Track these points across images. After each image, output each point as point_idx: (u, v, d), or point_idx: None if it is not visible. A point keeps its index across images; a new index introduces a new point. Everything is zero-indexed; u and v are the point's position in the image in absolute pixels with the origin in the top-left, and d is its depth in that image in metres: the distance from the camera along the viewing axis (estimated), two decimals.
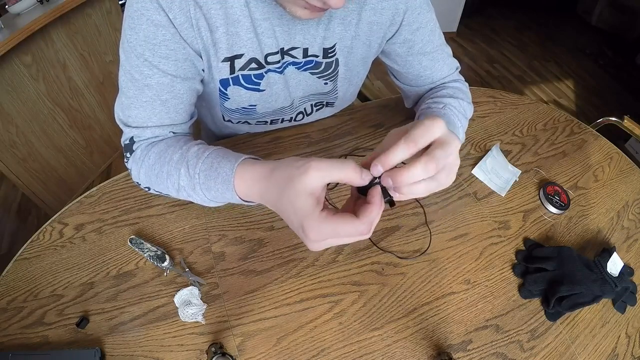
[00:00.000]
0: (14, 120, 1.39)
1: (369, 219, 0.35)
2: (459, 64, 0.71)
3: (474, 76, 2.50)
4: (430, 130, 0.36)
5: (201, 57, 0.54)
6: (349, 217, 0.35)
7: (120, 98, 0.54)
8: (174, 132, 0.56)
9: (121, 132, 0.56)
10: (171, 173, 0.50)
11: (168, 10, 0.47)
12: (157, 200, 0.66)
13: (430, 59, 0.65)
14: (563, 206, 0.69)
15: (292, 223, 0.37)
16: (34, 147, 1.50)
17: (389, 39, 0.63)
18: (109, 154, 1.89)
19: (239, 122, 0.71)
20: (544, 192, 0.70)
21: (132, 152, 0.55)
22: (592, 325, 0.57)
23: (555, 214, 0.69)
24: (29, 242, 0.62)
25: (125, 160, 0.57)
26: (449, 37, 2.81)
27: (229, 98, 0.61)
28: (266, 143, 0.75)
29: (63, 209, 0.66)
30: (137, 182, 0.57)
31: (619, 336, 0.57)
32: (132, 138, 0.55)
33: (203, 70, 0.56)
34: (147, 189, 0.57)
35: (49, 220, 0.64)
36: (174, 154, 0.51)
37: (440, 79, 0.68)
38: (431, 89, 0.69)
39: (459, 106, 0.63)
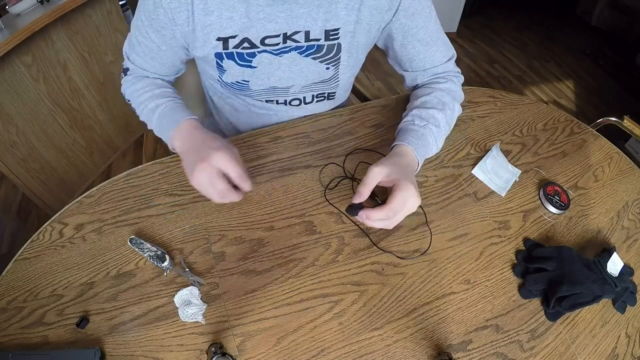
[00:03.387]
0: (14, 121, 1.39)
1: (233, 195, 0.56)
2: (454, 52, 0.74)
3: (474, 76, 2.50)
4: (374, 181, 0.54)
5: (188, 37, 0.62)
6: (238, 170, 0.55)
7: (130, 38, 0.67)
8: (159, 79, 0.71)
9: (123, 58, 0.71)
10: (147, 98, 0.67)
11: None
12: (157, 200, 0.66)
13: (424, 45, 0.69)
14: (563, 206, 0.69)
15: (201, 152, 0.55)
16: (34, 148, 1.50)
17: (387, 24, 0.66)
18: (109, 154, 1.89)
19: (238, 95, 0.76)
20: (544, 192, 0.70)
21: (126, 74, 0.71)
22: (592, 325, 0.57)
23: (555, 214, 0.69)
24: (29, 242, 0.62)
25: (121, 77, 0.73)
26: (449, 38, 2.81)
27: (225, 70, 0.67)
28: (266, 143, 0.76)
29: (63, 209, 0.66)
30: (123, 94, 0.73)
31: (619, 336, 0.57)
32: (128, 69, 0.70)
33: (187, 50, 0.66)
34: (128, 101, 0.72)
35: (49, 220, 0.64)
36: (156, 89, 0.68)
37: (432, 66, 0.72)
38: (424, 83, 0.74)
39: (442, 119, 0.68)
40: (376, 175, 0.54)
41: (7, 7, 1.33)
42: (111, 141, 1.86)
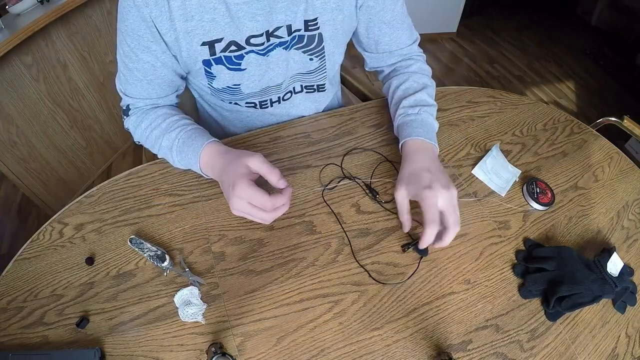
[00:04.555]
0: (15, 121, 1.40)
1: (277, 201, 0.52)
2: (419, 35, 0.78)
3: (474, 76, 2.50)
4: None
5: (173, 48, 0.60)
6: (265, 192, 0.51)
7: (119, 73, 0.65)
8: (158, 105, 0.69)
9: (120, 98, 0.69)
10: (157, 136, 0.65)
11: (145, 5, 0.54)
12: (157, 200, 0.66)
13: (390, 27, 0.71)
14: (547, 203, 0.68)
15: (228, 181, 0.53)
16: (35, 148, 1.50)
17: (357, 7, 0.67)
18: (109, 154, 1.89)
19: (230, 102, 0.75)
20: (527, 188, 0.70)
21: (128, 115, 0.69)
22: (592, 325, 0.57)
23: (539, 210, 0.68)
24: (29, 242, 0.62)
25: (123, 119, 0.72)
26: (449, 38, 2.81)
27: (215, 77, 0.66)
28: (266, 143, 0.76)
29: (63, 209, 0.66)
30: (132, 136, 0.71)
31: (619, 336, 0.57)
32: (128, 106, 0.68)
33: (176, 58, 0.63)
34: (138, 142, 0.71)
35: (49, 220, 0.64)
36: (162, 122, 0.65)
37: (398, 48, 0.75)
38: (392, 67, 0.78)
39: (428, 97, 0.72)
40: (401, 200, 0.59)
41: (7, 7, 1.33)
42: (111, 141, 1.86)
